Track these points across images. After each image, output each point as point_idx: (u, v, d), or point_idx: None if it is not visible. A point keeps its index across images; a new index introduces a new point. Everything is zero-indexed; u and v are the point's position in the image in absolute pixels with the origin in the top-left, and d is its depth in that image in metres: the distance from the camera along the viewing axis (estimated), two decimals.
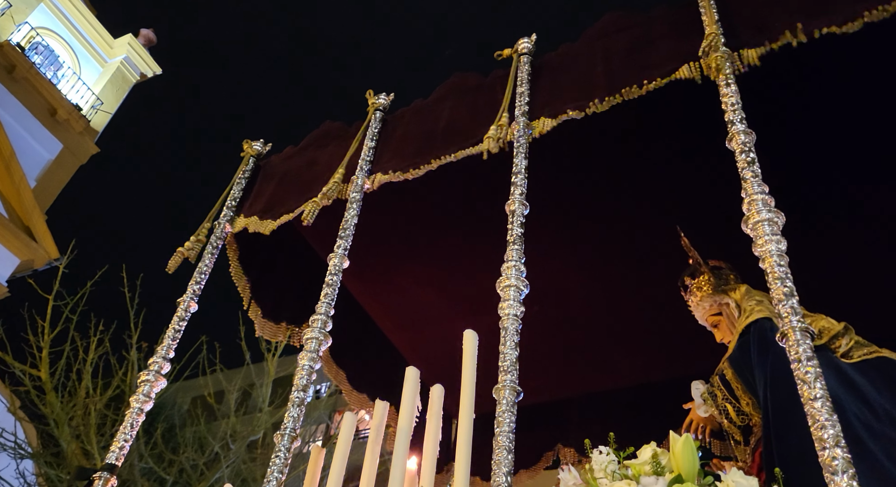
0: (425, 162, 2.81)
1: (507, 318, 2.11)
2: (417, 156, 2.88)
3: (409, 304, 3.91)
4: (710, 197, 3.05)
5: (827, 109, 2.77)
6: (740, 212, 2.01)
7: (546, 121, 2.61)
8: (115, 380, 9.78)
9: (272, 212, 3.18)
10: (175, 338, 2.87)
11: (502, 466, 1.76)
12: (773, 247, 1.76)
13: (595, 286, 3.59)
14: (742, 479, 1.24)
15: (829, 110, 2.77)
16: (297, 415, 2.27)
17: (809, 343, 1.53)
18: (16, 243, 12.98)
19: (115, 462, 2.45)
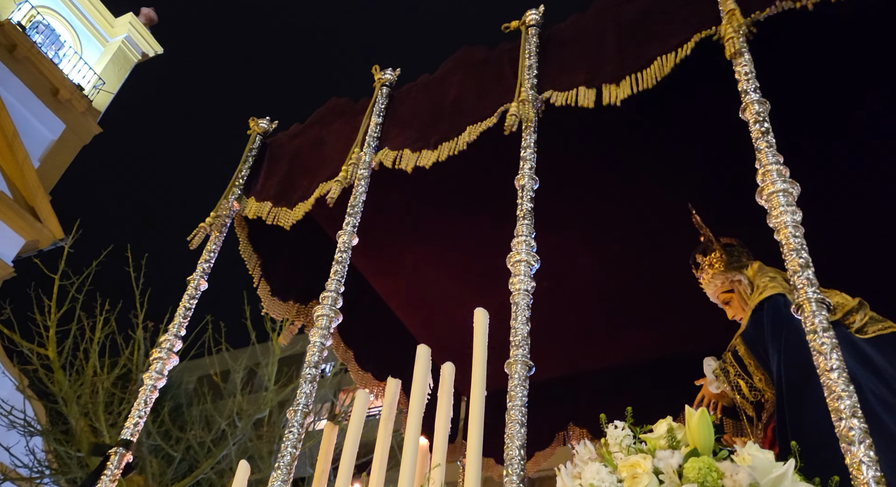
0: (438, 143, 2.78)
1: (518, 293, 2.11)
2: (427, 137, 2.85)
3: (418, 283, 3.90)
4: (723, 174, 3.02)
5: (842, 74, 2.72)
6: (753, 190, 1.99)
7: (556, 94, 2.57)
8: (121, 359, 9.85)
9: (286, 198, 3.16)
10: (186, 317, 2.88)
11: (515, 439, 1.77)
12: (788, 219, 1.74)
13: (605, 263, 3.57)
14: (758, 452, 1.23)
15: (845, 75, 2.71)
16: (310, 391, 2.29)
17: (825, 314, 1.52)
18: (20, 223, 13.00)
19: (130, 439, 2.48)
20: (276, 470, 2.12)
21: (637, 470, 1.27)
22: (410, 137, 2.91)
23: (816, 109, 2.74)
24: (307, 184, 3.15)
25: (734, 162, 2.93)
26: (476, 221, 3.50)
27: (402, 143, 2.91)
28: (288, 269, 3.65)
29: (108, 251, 10.62)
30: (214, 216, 3.22)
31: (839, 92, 2.74)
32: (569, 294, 3.64)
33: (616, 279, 3.62)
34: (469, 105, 2.87)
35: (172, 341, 2.78)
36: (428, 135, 2.86)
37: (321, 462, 2.45)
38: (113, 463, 2.41)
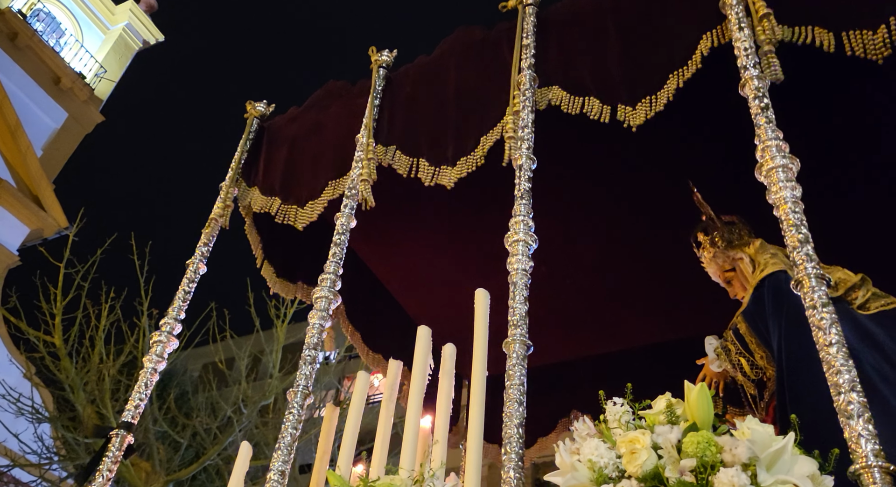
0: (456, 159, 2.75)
1: (517, 273, 2.10)
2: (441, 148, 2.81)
3: (417, 266, 3.89)
4: (724, 153, 2.99)
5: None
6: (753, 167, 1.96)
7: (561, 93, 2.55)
8: (127, 346, 9.91)
9: (294, 194, 3.13)
10: (185, 300, 2.89)
11: (514, 418, 1.76)
12: (787, 194, 1.73)
13: (606, 247, 3.55)
14: (758, 426, 1.22)
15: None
16: (310, 373, 2.29)
17: (825, 289, 1.52)
18: (25, 212, 13.04)
19: (132, 421, 2.49)
20: (276, 451, 2.13)
21: (636, 446, 1.26)
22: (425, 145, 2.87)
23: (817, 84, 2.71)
24: (311, 176, 3.13)
25: (735, 141, 2.91)
26: (476, 205, 3.48)
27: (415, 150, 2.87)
28: (291, 252, 3.65)
29: (113, 239, 10.66)
30: (223, 205, 3.21)
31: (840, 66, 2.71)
32: (569, 279, 3.62)
33: (617, 263, 3.60)
34: (473, 97, 2.83)
35: (172, 324, 2.78)
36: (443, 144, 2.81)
37: (322, 444, 2.46)
38: (114, 445, 2.42)
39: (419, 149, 2.82)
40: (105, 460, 2.38)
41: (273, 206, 3.13)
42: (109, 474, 2.36)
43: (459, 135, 2.74)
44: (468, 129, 2.73)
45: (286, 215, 3.07)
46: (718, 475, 1.12)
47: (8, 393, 9.61)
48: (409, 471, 1.82)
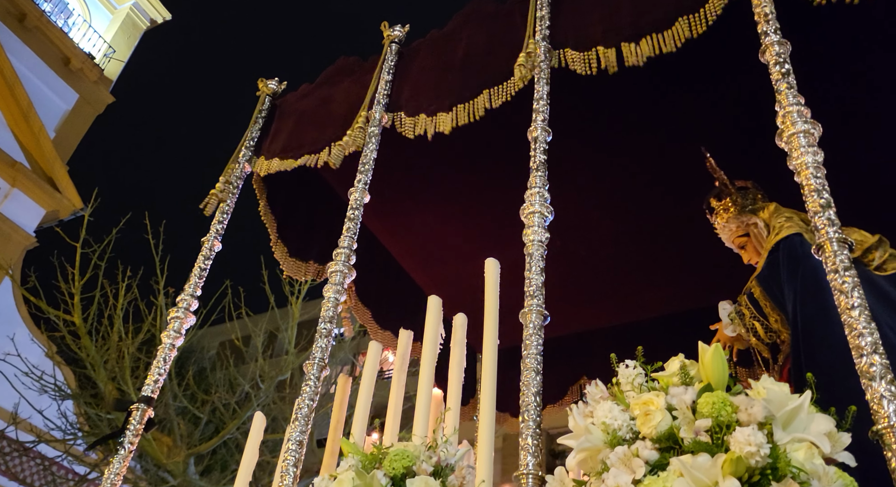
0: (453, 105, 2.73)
1: (532, 244, 2.10)
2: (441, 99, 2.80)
3: (430, 241, 3.90)
4: (739, 118, 2.95)
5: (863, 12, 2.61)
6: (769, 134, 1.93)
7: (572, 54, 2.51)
8: (145, 325, 10.04)
9: (292, 152, 3.17)
10: (201, 277, 2.92)
11: (531, 387, 1.77)
12: (809, 159, 1.71)
13: (618, 216, 3.53)
14: (773, 385, 1.21)
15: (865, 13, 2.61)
16: (325, 345, 2.31)
17: (847, 253, 1.51)
18: (40, 194, 13.15)
19: (151, 395, 2.53)
20: (293, 422, 2.15)
21: (650, 408, 1.26)
22: (425, 101, 2.86)
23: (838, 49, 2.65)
24: (313, 138, 3.14)
25: (751, 108, 2.86)
26: (487, 177, 3.47)
27: (416, 108, 2.87)
28: (305, 230, 3.66)
29: (127, 219, 10.74)
30: (224, 181, 3.24)
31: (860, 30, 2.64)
32: (582, 250, 3.61)
33: (630, 234, 3.58)
34: (480, 61, 2.81)
35: (189, 301, 2.82)
36: (442, 98, 2.81)
37: (336, 413, 2.49)
38: (135, 419, 2.46)
39: (420, 108, 2.81)
40: (127, 433, 2.42)
41: (272, 165, 3.16)
42: (131, 446, 2.40)
43: (461, 89, 2.73)
44: (470, 84, 2.71)
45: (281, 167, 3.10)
46: (734, 434, 1.11)
47: (31, 371, 9.79)
48: (422, 438, 1.83)
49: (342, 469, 1.65)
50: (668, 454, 1.19)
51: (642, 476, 1.18)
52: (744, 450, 1.08)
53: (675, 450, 1.20)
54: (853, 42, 2.65)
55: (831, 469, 1.11)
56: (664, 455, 1.20)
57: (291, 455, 2.06)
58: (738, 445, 1.10)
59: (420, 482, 1.52)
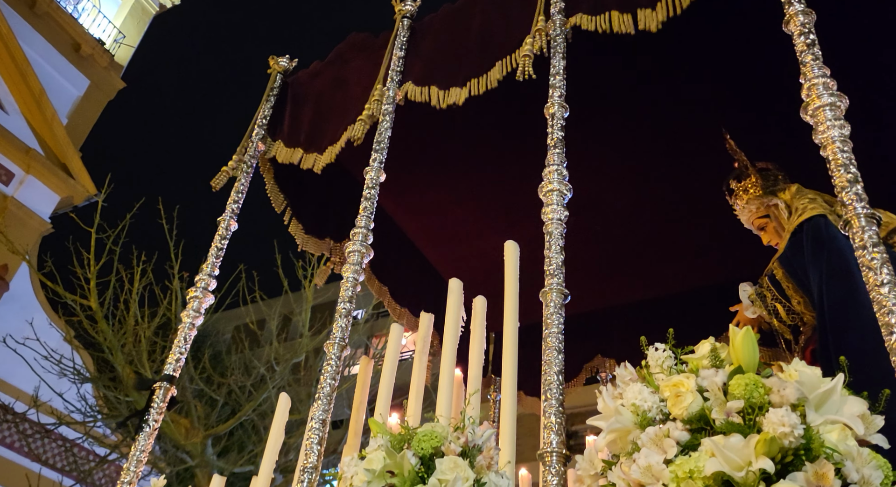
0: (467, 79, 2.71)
1: (552, 223, 2.09)
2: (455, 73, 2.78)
3: (445, 220, 3.90)
4: (760, 96, 2.91)
5: None
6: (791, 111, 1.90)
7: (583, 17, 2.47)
8: (161, 309, 10.14)
9: (316, 145, 3.16)
10: (218, 257, 2.94)
11: (553, 366, 1.78)
12: (835, 133, 1.67)
13: (636, 193, 3.51)
14: (805, 368, 1.21)
15: None
16: (346, 325, 2.32)
17: (875, 229, 1.48)
18: (55, 180, 13.23)
19: (173, 374, 2.56)
20: (316, 401, 2.17)
21: (680, 389, 1.26)
22: (438, 74, 2.85)
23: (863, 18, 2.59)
24: (335, 129, 3.14)
25: (773, 85, 2.83)
26: (502, 155, 3.46)
27: (429, 80, 2.85)
28: (317, 209, 3.67)
29: (141, 204, 10.80)
30: (237, 159, 3.24)
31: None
32: (598, 227, 3.60)
33: (646, 210, 3.57)
34: (495, 37, 2.78)
35: (207, 280, 2.84)
36: (456, 72, 2.79)
37: (358, 394, 2.50)
38: (158, 397, 2.50)
39: (432, 79, 2.79)
40: (151, 411, 2.46)
41: (295, 157, 3.16)
42: (155, 424, 2.44)
43: (474, 63, 2.70)
44: (484, 58, 2.69)
45: (305, 162, 3.11)
46: (768, 415, 1.11)
47: (50, 355, 9.93)
48: (447, 419, 1.85)
49: (371, 448, 1.66)
50: (699, 435, 1.20)
51: (674, 455, 1.18)
52: (777, 431, 1.08)
53: (707, 431, 1.20)
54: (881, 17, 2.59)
55: (865, 451, 1.11)
56: (695, 436, 1.20)
57: (315, 434, 2.08)
58: (771, 425, 1.10)
59: (449, 462, 1.53)
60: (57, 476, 10.49)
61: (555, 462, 1.61)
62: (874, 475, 1.07)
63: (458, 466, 1.57)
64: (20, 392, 10.87)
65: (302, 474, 2.03)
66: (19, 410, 10.56)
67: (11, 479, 10.59)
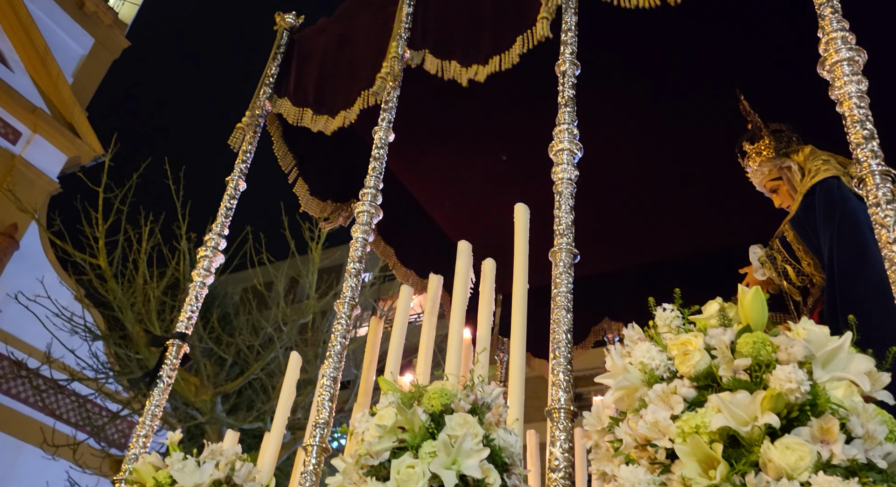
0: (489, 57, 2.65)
1: (562, 183, 2.08)
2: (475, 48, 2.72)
3: (453, 180, 3.89)
4: (775, 56, 2.86)
5: None
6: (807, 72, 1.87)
7: None
8: (169, 269, 10.23)
9: (326, 105, 3.13)
10: (227, 216, 2.95)
11: (562, 324, 1.80)
12: (852, 89, 1.65)
13: (646, 154, 3.49)
14: (814, 326, 1.22)
15: None
16: (355, 285, 2.35)
17: (889, 186, 1.47)
18: (62, 140, 13.20)
19: (186, 331, 2.60)
20: (327, 359, 2.21)
21: (688, 348, 1.27)
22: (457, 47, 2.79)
23: None
24: (345, 88, 3.10)
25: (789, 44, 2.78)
26: (512, 116, 3.43)
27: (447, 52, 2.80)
28: (323, 169, 3.66)
29: (147, 164, 10.81)
30: (250, 115, 3.23)
31: None
32: (606, 189, 3.58)
33: (656, 173, 3.55)
34: (512, 6, 2.72)
35: (217, 240, 2.86)
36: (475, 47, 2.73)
37: (368, 353, 2.55)
38: (171, 354, 2.54)
39: (452, 53, 2.75)
40: (164, 367, 2.51)
41: (305, 117, 3.14)
42: (169, 380, 2.50)
43: (494, 36, 2.67)
44: (504, 30, 2.65)
45: (317, 124, 3.08)
46: (775, 372, 1.13)
47: (61, 313, 10.08)
48: (456, 378, 1.88)
49: (382, 405, 1.70)
50: (706, 392, 1.22)
51: (680, 412, 1.20)
52: (784, 387, 1.10)
53: (713, 388, 1.22)
54: None
55: (870, 407, 1.13)
56: (702, 393, 1.22)
57: (326, 391, 2.12)
58: (777, 382, 1.12)
59: (459, 418, 1.56)
60: (71, 431, 10.74)
61: (563, 418, 1.64)
62: (878, 429, 1.09)
63: (468, 422, 1.60)
64: (33, 348, 11.06)
65: (314, 429, 2.08)
66: (32, 366, 10.76)
67: (27, 433, 10.86)
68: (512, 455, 1.63)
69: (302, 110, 3.22)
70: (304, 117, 3.19)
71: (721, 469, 1.10)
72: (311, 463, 1.99)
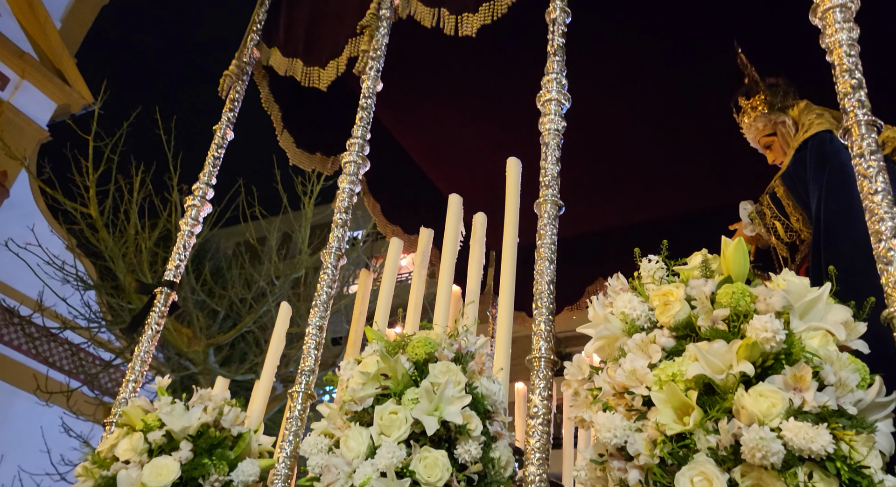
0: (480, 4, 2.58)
1: (549, 134, 2.06)
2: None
3: (445, 135, 3.85)
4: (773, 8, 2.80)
5: None
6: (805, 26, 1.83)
7: None
8: (160, 221, 10.19)
9: (316, 55, 3.05)
10: (215, 165, 2.92)
11: (545, 275, 1.80)
12: (843, 37, 1.61)
13: (637, 113, 3.45)
14: (793, 277, 1.23)
15: None
16: (342, 235, 2.34)
17: (874, 137, 1.45)
18: (50, 87, 12.96)
19: (174, 280, 2.60)
20: (314, 309, 2.22)
21: (669, 298, 1.28)
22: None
23: None
24: (333, 35, 3.03)
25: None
26: (504, 69, 3.37)
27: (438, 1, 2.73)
28: (311, 121, 3.60)
29: (138, 113, 10.64)
30: (237, 64, 3.16)
31: None
32: (599, 146, 3.56)
33: (650, 131, 3.52)
34: None
35: (204, 189, 2.84)
36: None
37: (358, 306, 2.56)
38: (160, 302, 2.55)
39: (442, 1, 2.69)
40: (152, 314, 2.52)
41: (296, 68, 3.07)
42: (157, 327, 2.51)
43: None
44: None
45: (309, 77, 3.02)
46: (752, 321, 1.14)
47: (52, 260, 10.06)
48: (443, 327, 1.90)
49: (367, 353, 1.72)
50: (684, 341, 1.23)
51: (658, 360, 1.22)
52: (760, 336, 1.12)
53: (692, 338, 1.24)
54: None
55: (844, 355, 1.15)
56: (680, 343, 1.23)
57: (312, 339, 2.14)
58: (754, 331, 1.13)
59: (442, 366, 1.59)
60: (64, 379, 10.86)
61: (543, 367, 1.66)
62: (851, 377, 1.11)
63: (451, 370, 1.62)
64: (24, 296, 11.07)
65: (300, 376, 2.10)
66: (24, 314, 10.80)
67: (20, 379, 10.97)
68: (494, 403, 1.66)
69: (292, 61, 3.14)
70: (294, 68, 3.12)
71: (695, 416, 1.12)
72: (297, 409, 2.02)
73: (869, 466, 1.02)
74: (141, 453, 1.88)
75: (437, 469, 1.44)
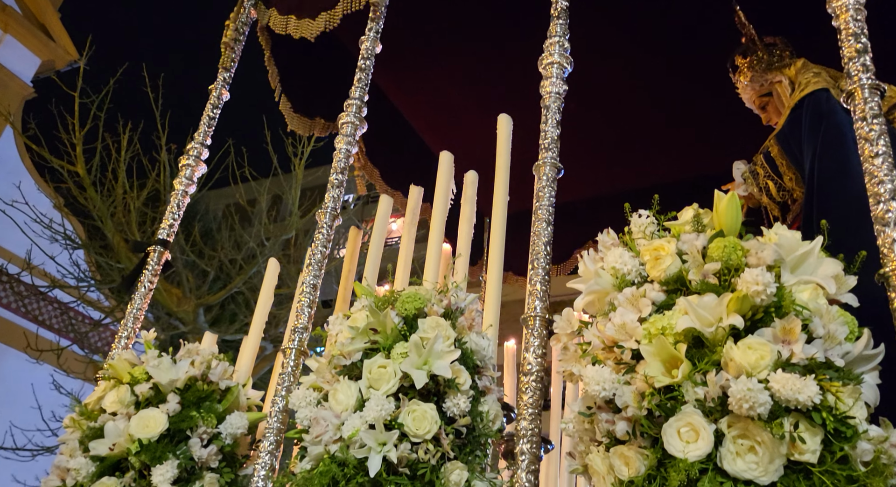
0: None
1: (550, 97, 2.05)
2: None
3: (443, 98, 3.80)
4: None
5: None
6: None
7: None
8: (149, 181, 10.09)
9: (309, 9, 2.99)
10: (210, 126, 2.89)
11: (542, 237, 1.81)
12: (850, 0, 1.60)
13: (633, 74, 3.41)
14: (785, 231, 1.23)
15: None
16: (337, 195, 2.33)
17: (878, 100, 1.45)
18: (35, 43, 12.65)
19: (167, 239, 2.58)
20: (307, 267, 2.21)
21: (660, 253, 1.28)
22: None
23: None
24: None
25: None
26: (502, 31, 3.32)
27: None
28: (309, 85, 3.55)
29: (125, 69, 10.44)
30: (234, 29, 3.09)
31: None
32: (595, 113, 3.52)
33: (645, 94, 3.48)
34: None
35: (199, 149, 2.81)
36: None
37: (347, 263, 2.55)
38: (153, 260, 2.53)
39: None
40: (145, 272, 2.51)
41: (289, 24, 3.01)
42: (150, 285, 2.50)
43: None
44: None
45: (299, 29, 2.96)
46: (743, 274, 1.14)
47: (39, 219, 9.96)
48: (432, 283, 1.89)
49: (356, 308, 1.71)
50: (674, 295, 1.23)
51: (648, 314, 1.22)
52: (750, 289, 1.12)
53: (683, 292, 1.24)
54: None
55: (834, 308, 1.15)
56: (671, 297, 1.23)
57: (306, 297, 2.14)
58: (745, 284, 1.13)
59: (431, 321, 1.59)
60: (54, 337, 10.86)
61: (538, 326, 1.66)
62: (839, 330, 1.12)
63: (440, 325, 1.62)
64: (12, 255, 10.99)
65: (293, 334, 2.10)
66: (12, 272, 10.74)
67: (10, 338, 10.96)
68: (483, 358, 1.67)
69: (287, 18, 3.08)
70: (288, 25, 3.06)
71: (683, 368, 1.13)
72: (290, 365, 2.03)
73: (854, 416, 1.03)
74: (128, 405, 1.88)
75: (426, 422, 1.45)
